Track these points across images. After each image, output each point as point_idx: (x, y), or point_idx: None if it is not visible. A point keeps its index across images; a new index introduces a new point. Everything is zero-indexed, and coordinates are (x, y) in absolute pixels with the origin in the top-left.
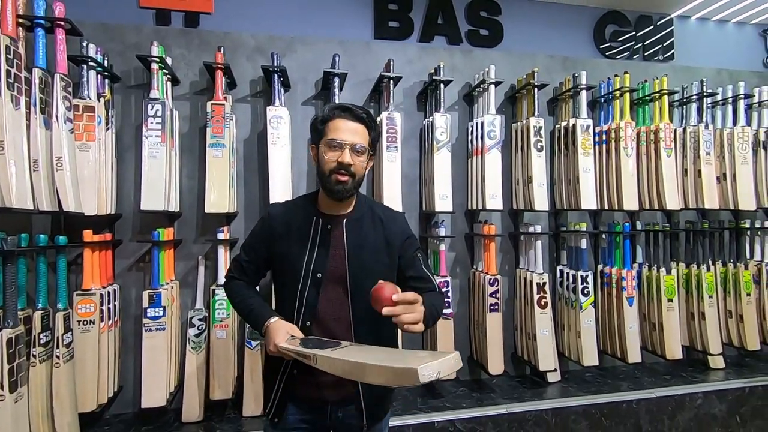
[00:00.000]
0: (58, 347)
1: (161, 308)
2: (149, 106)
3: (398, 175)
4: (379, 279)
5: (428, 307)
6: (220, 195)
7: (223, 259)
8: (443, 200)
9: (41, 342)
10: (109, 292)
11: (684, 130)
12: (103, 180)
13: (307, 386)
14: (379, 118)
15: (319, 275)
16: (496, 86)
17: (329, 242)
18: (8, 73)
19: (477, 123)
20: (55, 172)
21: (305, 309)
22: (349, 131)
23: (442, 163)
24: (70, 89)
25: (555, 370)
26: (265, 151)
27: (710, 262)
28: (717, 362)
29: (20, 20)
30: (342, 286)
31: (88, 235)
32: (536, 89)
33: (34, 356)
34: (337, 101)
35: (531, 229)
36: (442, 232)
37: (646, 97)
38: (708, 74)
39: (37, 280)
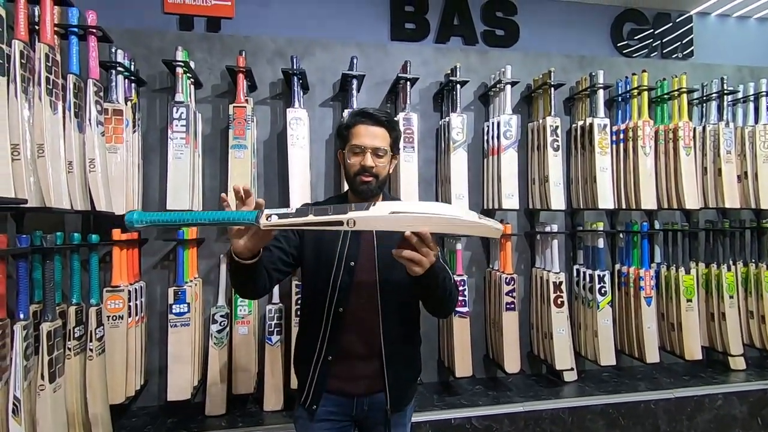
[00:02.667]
0: (91, 341)
1: (186, 304)
2: (174, 109)
3: (415, 175)
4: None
5: (441, 270)
6: None
7: None
8: (460, 200)
9: (76, 336)
10: (136, 289)
11: (704, 128)
12: (130, 180)
13: (338, 378)
14: (395, 119)
15: (352, 263)
16: (512, 86)
17: (360, 232)
18: (47, 80)
19: (493, 123)
20: (88, 173)
21: (338, 295)
22: (369, 136)
23: (459, 162)
24: (101, 94)
25: (572, 369)
26: (284, 152)
27: (731, 262)
28: (738, 363)
29: (56, 29)
30: (372, 274)
31: (116, 233)
32: (552, 89)
33: (70, 349)
34: (355, 103)
35: (547, 229)
36: None
37: (665, 96)
38: (728, 71)
39: (71, 276)
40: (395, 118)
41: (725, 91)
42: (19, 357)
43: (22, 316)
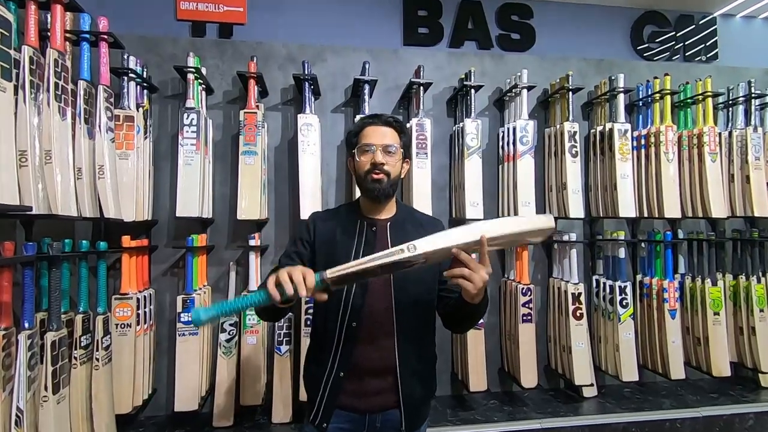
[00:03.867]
0: (97, 350)
1: None
2: (185, 116)
3: (428, 182)
4: (422, 281)
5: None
6: (252, 202)
7: (254, 265)
8: (474, 207)
9: (82, 344)
10: (145, 297)
11: (730, 133)
12: (140, 187)
13: (350, 395)
14: (408, 125)
15: None
16: (528, 91)
17: (374, 243)
18: (56, 85)
19: (509, 128)
20: (97, 180)
21: (351, 310)
22: (377, 135)
23: (473, 169)
24: (112, 100)
25: (591, 384)
26: (295, 159)
27: (761, 274)
28: None
29: (67, 35)
30: (386, 287)
31: (126, 240)
32: (570, 93)
33: (76, 358)
34: (367, 108)
35: (565, 237)
36: None
37: (688, 100)
38: (755, 74)
39: (79, 284)
40: (405, 124)
41: (753, 95)
42: (23, 367)
43: (26, 324)
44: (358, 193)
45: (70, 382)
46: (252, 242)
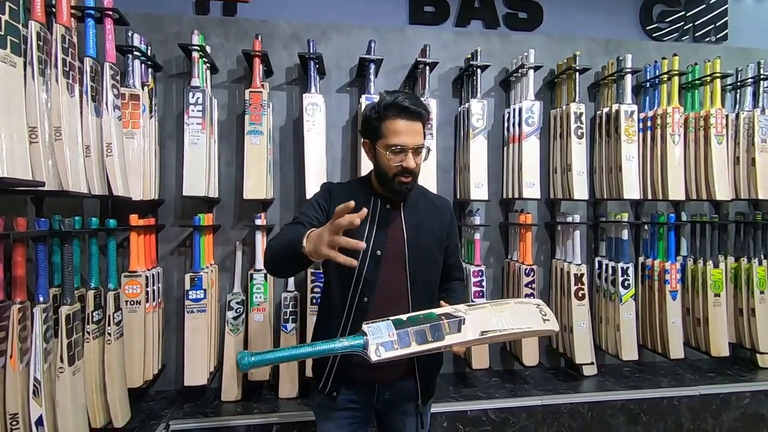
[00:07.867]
0: (109, 325)
1: (202, 291)
2: (190, 95)
3: (433, 163)
4: (434, 260)
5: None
6: (258, 181)
7: (260, 244)
8: (478, 188)
9: (94, 319)
10: (153, 275)
11: (737, 115)
12: (147, 166)
13: (360, 367)
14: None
15: (379, 253)
16: (534, 71)
17: (389, 221)
18: (64, 61)
19: (514, 109)
20: (105, 157)
21: (363, 285)
22: (409, 134)
23: (478, 150)
24: (118, 78)
25: (591, 363)
26: (300, 139)
27: (762, 256)
28: (767, 361)
29: (73, 11)
30: (400, 265)
31: (134, 219)
32: (577, 73)
33: (89, 333)
34: (372, 88)
35: (569, 219)
36: (477, 220)
37: (696, 81)
38: (765, 56)
39: (90, 260)
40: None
41: (762, 77)
42: (39, 339)
43: (41, 298)
44: (363, 173)
45: (84, 356)
46: (258, 222)
